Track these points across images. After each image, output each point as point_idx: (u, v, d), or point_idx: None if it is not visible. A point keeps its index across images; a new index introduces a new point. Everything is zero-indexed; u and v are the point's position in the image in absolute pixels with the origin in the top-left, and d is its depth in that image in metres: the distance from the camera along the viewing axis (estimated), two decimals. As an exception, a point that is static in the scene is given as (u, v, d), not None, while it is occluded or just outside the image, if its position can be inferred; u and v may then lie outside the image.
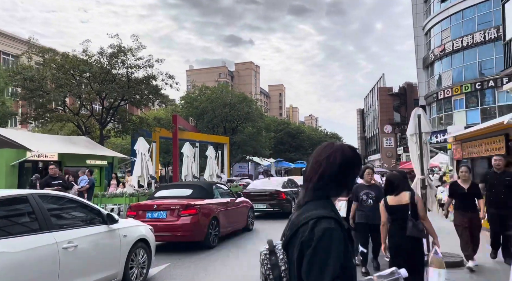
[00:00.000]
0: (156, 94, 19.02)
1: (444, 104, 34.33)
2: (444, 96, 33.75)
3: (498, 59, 29.39)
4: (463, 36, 31.36)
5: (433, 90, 35.72)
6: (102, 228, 4.60)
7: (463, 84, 31.49)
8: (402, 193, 3.88)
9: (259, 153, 33.80)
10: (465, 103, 31.81)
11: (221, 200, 8.20)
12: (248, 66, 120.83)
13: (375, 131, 70.37)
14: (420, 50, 38.76)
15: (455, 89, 32.37)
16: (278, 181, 13.29)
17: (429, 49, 36.87)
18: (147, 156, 12.86)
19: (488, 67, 29.93)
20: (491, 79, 29.38)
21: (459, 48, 31.80)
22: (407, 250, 3.70)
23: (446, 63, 33.83)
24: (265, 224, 10.99)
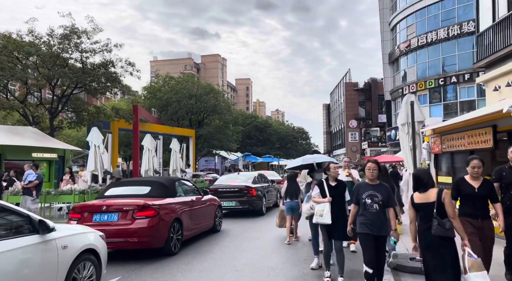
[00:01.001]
0: (114, 82, 17.39)
1: (409, 99, 34.94)
2: (409, 91, 34.26)
3: (460, 56, 30.19)
4: (428, 32, 31.90)
5: (399, 86, 36.26)
6: (31, 239, 3.49)
7: (427, 80, 32.13)
8: (430, 190, 3.71)
9: (226, 147, 32.74)
10: (429, 99, 32.50)
11: (185, 198, 7.17)
12: (215, 59, 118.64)
13: (340, 126, 71.36)
14: (386, 45, 39.22)
15: (419, 85, 32.98)
16: (248, 176, 12.38)
17: (395, 44, 37.35)
18: (102, 148, 11.48)
19: (451, 64, 30.67)
20: (454, 75, 30.14)
21: (424, 44, 32.36)
22: (435, 249, 3.58)
23: (411, 59, 34.39)
24: (234, 223, 10.07)
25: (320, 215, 4.75)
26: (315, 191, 4.99)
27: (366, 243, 4.07)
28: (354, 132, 62.46)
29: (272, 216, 11.50)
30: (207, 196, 8.28)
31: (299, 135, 66.73)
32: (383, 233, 4.09)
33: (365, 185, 4.23)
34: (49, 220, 3.78)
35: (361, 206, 4.17)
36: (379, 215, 4.07)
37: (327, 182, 4.93)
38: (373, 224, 4.06)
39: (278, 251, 6.72)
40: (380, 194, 4.10)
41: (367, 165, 4.24)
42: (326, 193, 4.84)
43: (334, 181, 4.93)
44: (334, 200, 4.80)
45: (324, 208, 4.75)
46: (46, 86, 17.31)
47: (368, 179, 4.22)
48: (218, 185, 11.79)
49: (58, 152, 15.86)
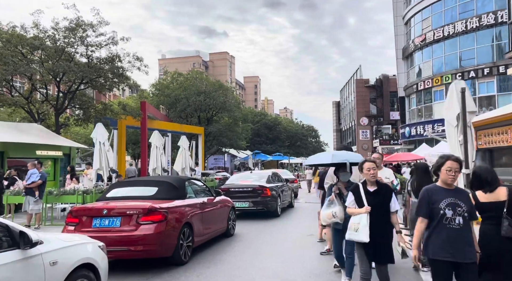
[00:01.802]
0: (121, 77, 16.78)
1: (424, 95, 33.81)
2: (424, 87, 33.20)
3: (479, 50, 28.99)
4: (444, 25, 30.74)
5: (413, 81, 35.13)
6: (10, 255, 2.81)
7: (444, 75, 30.98)
8: (499, 189, 3.36)
9: (235, 145, 32.05)
10: (445, 95, 31.27)
11: (196, 200, 6.46)
12: (223, 57, 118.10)
13: (351, 124, 70.17)
14: (399, 40, 38.06)
15: (435, 80, 31.84)
16: (261, 175, 11.65)
17: (409, 39, 36.20)
18: (107, 145, 10.84)
19: (469, 58, 29.49)
20: (472, 70, 28.97)
21: (440, 38, 31.20)
22: (502, 252, 3.19)
23: (427, 53, 33.23)
24: (247, 226, 9.35)
25: (355, 230, 3.71)
26: (349, 198, 3.94)
27: (444, 274, 3.01)
28: (365, 130, 61.28)
29: (288, 217, 10.75)
30: (219, 197, 7.56)
31: (309, 133, 65.79)
32: (468, 259, 2.99)
33: (440, 190, 3.14)
34: (34, 231, 3.08)
35: (436, 220, 3.06)
36: (464, 233, 3.01)
37: (365, 187, 3.85)
38: (454, 245, 2.98)
39: (300, 259, 5.98)
40: (464, 203, 3.07)
41: (445, 163, 3.14)
42: (364, 201, 3.76)
43: (373, 185, 3.84)
44: (374, 211, 3.70)
45: (361, 220, 3.68)
46: (52, 82, 16.80)
47: (444, 182, 3.16)
48: (230, 184, 11.08)
49: (64, 149, 15.32)
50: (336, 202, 4.51)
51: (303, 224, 9.62)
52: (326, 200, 4.70)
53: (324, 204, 4.69)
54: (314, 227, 8.75)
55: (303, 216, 11.08)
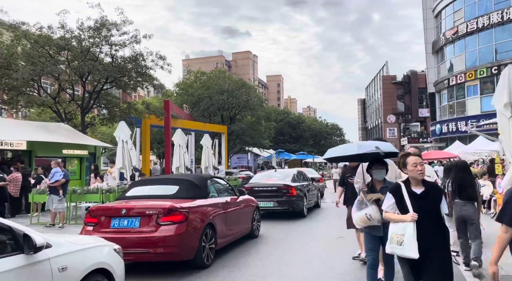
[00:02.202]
0: (145, 76, 16.78)
1: (456, 91, 32.25)
2: (456, 82, 31.66)
3: (517, 41, 27.28)
4: (478, 17, 29.15)
5: (444, 76, 33.58)
6: (13, 260, 2.55)
7: (478, 69, 29.39)
8: None
9: (258, 144, 31.73)
10: (480, 90, 29.73)
11: (219, 199, 6.12)
12: (246, 56, 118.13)
13: (377, 122, 68.35)
14: (429, 34, 36.52)
15: (468, 75, 30.27)
16: (286, 174, 11.22)
17: (439, 32, 34.65)
18: (130, 143, 10.74)
19: (505, 50, 27.80)
20: (509, 63, 27.25)
21: (474, 30, 29.61)
22: None
23: (459, 46, 31.65)
24: (272, 227, 8.95)
25: (399, 243, 2.97)
26: (388, 201, 3.21)
27: None
28: (393, 128, 59.45)
29: (315, 218, 10.27)
30: (243, 196, 7.19)
31: (333, 132, 64.51)
32: None
33: None
34: (41, 234, 2.80)
35: None
36: None
37: (408, 187, 3.11)
38: None
39: (330, 264, 5.53)
40: None
41: None
42: (408, 206, 3.00)
43: (420, 186, 3.09)
44: (423, 218, 2.94)
45: (406, 231, 2.92)
46: (78, 83, 17.03)
47: None
48: (253, 183, 10.71)
49: (89, 148, 15.47)
50: (367, 202, 3.83)
51: (332, 225, 9.12)
52: (356, 201, 4.03)
53: (354, 205, 4.02)
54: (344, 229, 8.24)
55: (331, 216, 10.56)
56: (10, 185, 10.51)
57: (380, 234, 3.78)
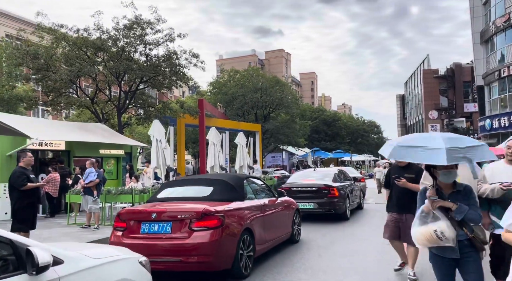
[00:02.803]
0: (179, 75, 16.64)
1: (509, 83, 29.70)
2: (509, 73, 29.14)
3: None
4: (534, 1, 26.62)
5: (494, 68, 31.06)
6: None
7: (534, 58, 26.86)
8: None
9: (293, 142, 30.97)
10: (536, 80, 27.17)
11: (256, 201, 5.59)
12: (279, 54, 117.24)
13: (417, 118, 65.19)
14: (477, 22, 33.96)
15: (523, 65, 27.75)
16: (326, 173, 10.49)
17: (488, 20, 32.10)
18: (164, 142, 10.49)
19: None
20: None
21: (529, 16, 27.08)
22: None
23: (511, 35, 29.10)
24: (313, 230, 8.30)
25: None
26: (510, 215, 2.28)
27: None
28: (435, 124, 56.33)
29: (359, 221, 9.49)
30: (282, 197, 6.61)
31: (370, 129, 62.24)
32: None
33: None
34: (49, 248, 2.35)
35: None
36: None
37: None
38: None
39: (385, 277, 4.82)
40: None
41: None
42: None
43: None
44: None
45: None
46: (115, 83, 17.22)
47: None
48: (291, 183, 10.09)
49: (125, 148, 15.53)
50: (439, 215, 2.87)
51: (378, 229, 8.31)
52: (419, 212, 3.00)
53: (416, 218, 3.00)
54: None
55: (377, 219, 9.72)
56: (49, 185, 10.59)
57: (456, 256, 2.87)
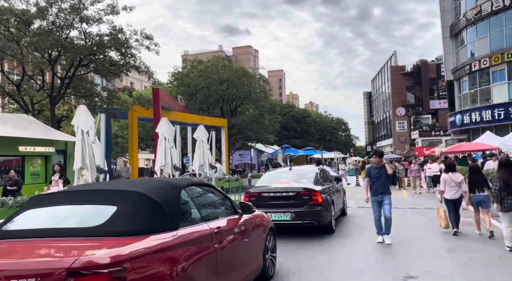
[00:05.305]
0: (125, 56, 13.94)
1: (479, 77, 29.18)
2: (480, 67, 28.60)
3: (552, 19, 24.23)
4: (506, -7, 26.06)
5: (465, 62, 30.51)
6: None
7: (506, 52, 26.31)
8: None
9: (262, 139, 28.81)
10: (507, 75, 26.68)
11: (203, 227, 3.25)
12: (247, 51, 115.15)
13: (385, 115, 65.28)
14: (446, 16, 33.41)
15: (494, 58, 27.20)
16: (305, 173, 8.32)
17: (458, 13, 31.55)
18: (92, 135, 7.90)
19: (538, 29, 24.74)
20: (543, 44, 24.23)
21: (500, 9, 26.53)
22: None
23: (482, 28, 28.55)
24: (290, 252, 6.13)
25: None
26: None
27: None
28: (402, 121, 56.38)
29: (347, 234, 7.39)
30: (248, 214, 4.32)
31: (338, 126, 61.58)
32: None
33: None
34: None
35: None
36: None
37: None
38: None
39: None
40: None
41: None
42: None
43: None
44: None
45: None
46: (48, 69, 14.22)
47: None
48: (261, 187, 7.82)
49: (58, 145, 12.67)
50: None
51: (376, 245, 6.28)
52: None
53: None
54: (397, 250, 5.41)
55: (368, 229, 7.69)
56: None
57: None
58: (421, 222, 8.62)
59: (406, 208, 11.03)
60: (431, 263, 5.22)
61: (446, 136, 39.31)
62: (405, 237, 6.92)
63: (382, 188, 6.52)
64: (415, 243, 6.49)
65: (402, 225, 8.00)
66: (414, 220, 8.99)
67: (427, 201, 12.45)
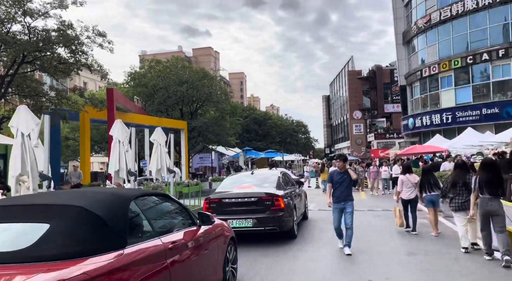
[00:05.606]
0: (76, 53, 13.03)
1: (429, 82, 30.89)
2: (430, 73, 30.28)
3: (492, 29, 26.13)
4: (452, 4, 27.83)
5: (416, 68, 32.18)
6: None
7: (452, 59, 28.07)
8: None
9: (223, 141, 28.41)
10: (454, 81, 28.44)
11: (155, 242, 2.90)
12: (207, 52, 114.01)
13: (342, 118, 67.33)
14: (399, 24, 35.07)
15: (442, 65, 28.92)
16: (267, 177, 8.12)
17: (410, 22, 33.23)
18: (34, 138, 7.17)
19: (480, 39, 26.59)
20: (485, 52, 26.08)
21: (448, 18, 28.27)
22: None
23: (432, 36, 30.27)
24: (250, 260, 5.88)
25: None
26: None
27: None
28: (359, 124, 58.45)
29: (309, 239, 7.27)
30: (207, 225, 3.99)
31: (298, 129, 62.59)
32: None
33: None
34: None
35: None
36: None
37: None
38: None
39: None
40: None
41: None
42: None
43: None
44: None
45: None
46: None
47: None
48: (222, 192, 7.52)
49: (-3, 149, 11.52)
50: None
51: (339, 250, 6.20)
52: None
53: None
54: (364, 255, 5.35)
55: (328, 233, 7.63)
56: None
57: None
58: (380, 225, 8.73)
59: (365, 210, 11.20)
60: (393, 268, 5.19)
61: (400, 139, 41.19)
62: (366, 241, 6.91)
63: (344, 194, 6.14)
64: (376, 247, 6.48)
65: (363, 228, 8.04)
66: (374, 222, 9.09)
67: (385, 203, 12.76)
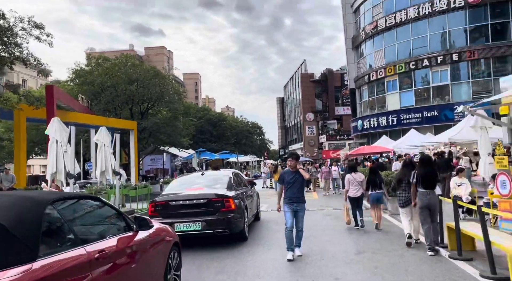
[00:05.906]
0: (9, 45, 11.88)
1: (376, 86, 32.40)
2: (376, 77, 31.77)
3: (432, 37, 27.96)
4: (396, 12, 29.43)
5: (364, 72, 33.63)
6: None
7: (397, 64, 29.68)
8: None
9: (176, 142, 27.62)
10: (399, 85, 30.07)
11: (78, 252, 2.52)
12: (160, 51, 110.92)
13: (296, 120, 68.72)
14: (348, 29, 36.46)
15: (388, 70, 30.47)
16: (218, 178, 7.86)
17: (358, 27, 34.66)
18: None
19: (422, 46, 28.36)
20: (426, 58, 27.87)
21: (392, 25, 29.85)
22: None
23: (378, 42, 31.80)
24: (197, 264, 5.59)
25: None
26: None
27: None
28: (312, 126, 59.97)
29: (260, 241, 7.12)
30: (146, 230, 3.66)
31: (254, 130, 62.92)
32: None
33: None
34: None
35: None
36: None
37: None
38: None
39: None
40: None
41: None
42: None
43: None
44: None
45: None
46: None
47: None
48: (169, 194, 7.13)
49: None
50: None
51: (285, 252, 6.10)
52: None
53: None
54: (314, 254, 5.29)
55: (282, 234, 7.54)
56: None
57: None
58: (330, 224, 8.82)
59: (316, 209, 11.32)
60: (341, 268, 5.18)
61: (349, 140, 42.79)
62: (315, 241, 6.90)
63: (297, 195, 5.80)
64: (325, 246, 6.48)
65: (313, 228, 8.06)
66: (324, 222, 9.17)
67: (335, 202, 13.02)
